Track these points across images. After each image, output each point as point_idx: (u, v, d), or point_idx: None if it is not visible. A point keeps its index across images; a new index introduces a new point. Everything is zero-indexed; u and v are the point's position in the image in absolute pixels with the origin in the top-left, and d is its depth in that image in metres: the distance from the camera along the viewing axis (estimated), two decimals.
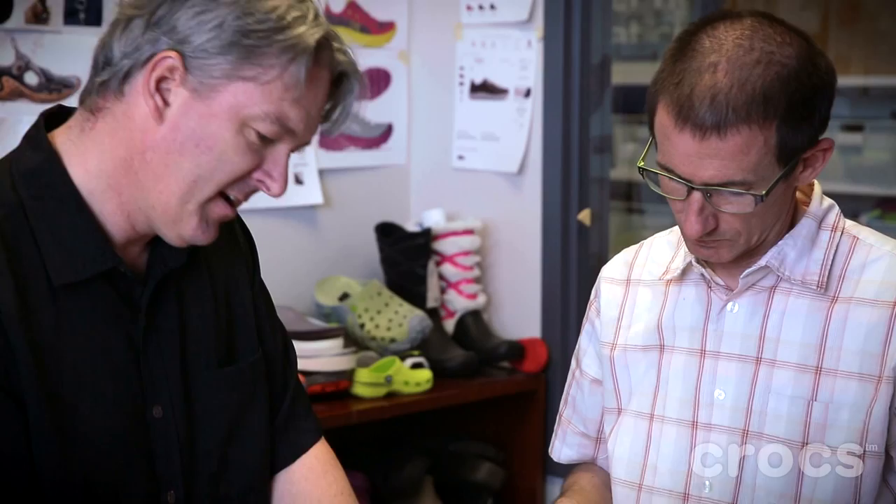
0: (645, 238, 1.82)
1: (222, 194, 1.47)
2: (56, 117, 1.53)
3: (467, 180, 3.21)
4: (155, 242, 1.53)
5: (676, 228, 1.68)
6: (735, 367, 1.61)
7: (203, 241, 1.49)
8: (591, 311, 1.81)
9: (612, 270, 1.79)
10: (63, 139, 1.49)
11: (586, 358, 1.80)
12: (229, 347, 1.62)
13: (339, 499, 1.69)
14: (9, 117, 2.58)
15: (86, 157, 1.47)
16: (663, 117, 1.50)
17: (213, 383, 1.59)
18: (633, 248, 1.80)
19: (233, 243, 1.67)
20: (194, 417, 1.56)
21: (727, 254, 1.58)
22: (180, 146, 1.42)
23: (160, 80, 1.42)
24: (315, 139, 3.01)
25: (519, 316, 3.15)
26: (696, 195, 1.51)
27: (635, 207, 3.49)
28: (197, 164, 1.42)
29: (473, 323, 3.07)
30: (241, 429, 1.62)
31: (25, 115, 2.57)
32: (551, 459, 1.91)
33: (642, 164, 1.57)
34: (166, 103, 1.42)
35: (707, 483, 1.62)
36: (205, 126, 1.41)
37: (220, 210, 1.48)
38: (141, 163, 1.44)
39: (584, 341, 1.81)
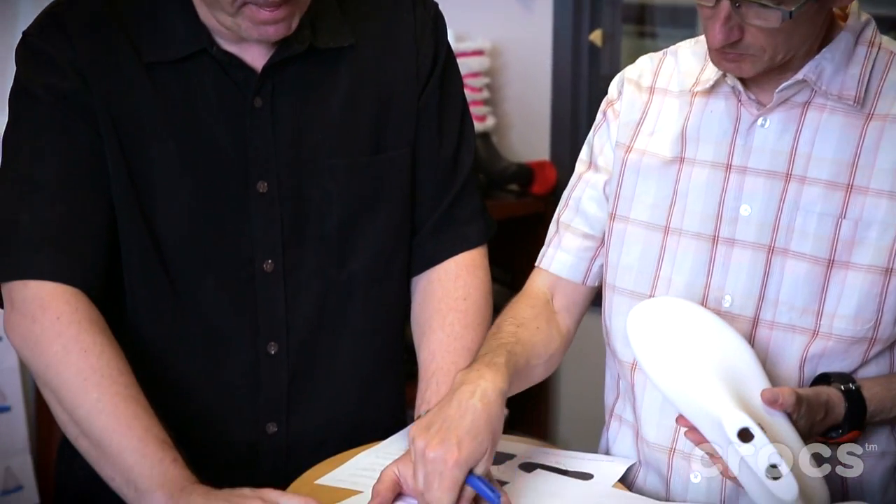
0: None
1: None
2: None
3: (476, 0, 3.15)
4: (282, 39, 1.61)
5: (703, 38, 1.64)
6: (763, 183, 1.60)
7: (269, 37, 1.57)
8: (608, 112, 1.77)
9: (639, 74, 1.75)
10: None
11: (602, 157, 1.76)
12: (365, 141, 1.68)
13: (460, 303, 1.72)
14: None
15: None
16: None
17: (332, 171, 1.65)
18: (658, 55, 1.76)
19: (404, 52, 1.71)
20: (304, 198, 1.65)
21: (749, 69, 1.55)
22: None
23: None
24: None
25: (528, 138, 3.13)
26: (725, 4, 1.49)
27: (648, 31, 3.42)
28: None
29: (482, 145, 3.05)
30: (362, 219, 1.68)
31: None
32: None
33: None
34: None
35: (728, 297, 1.61)
36: None
37: (256, 15, 1.54)
38: None
39: (597, 141, 1.77)
